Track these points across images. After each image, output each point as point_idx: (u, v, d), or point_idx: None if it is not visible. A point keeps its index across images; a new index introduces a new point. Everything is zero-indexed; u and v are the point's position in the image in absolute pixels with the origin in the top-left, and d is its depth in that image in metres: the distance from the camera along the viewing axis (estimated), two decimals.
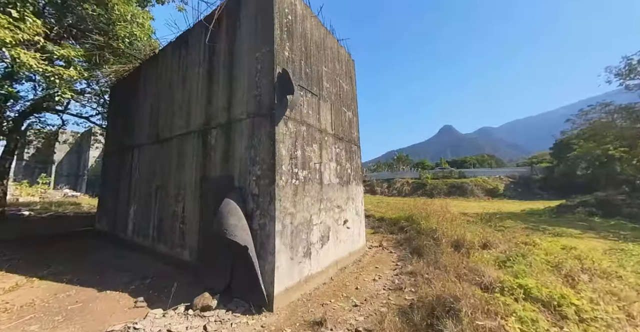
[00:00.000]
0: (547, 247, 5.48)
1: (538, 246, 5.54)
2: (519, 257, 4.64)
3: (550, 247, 5.47)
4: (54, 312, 3.71)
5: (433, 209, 10.14)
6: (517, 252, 4.93)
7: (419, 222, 8.83)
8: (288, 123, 4.56)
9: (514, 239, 6.32)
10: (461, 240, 6.21)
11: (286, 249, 4.16)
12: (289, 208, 4.33)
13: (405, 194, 32.19)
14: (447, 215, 9.05)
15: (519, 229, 8.95)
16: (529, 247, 5.52)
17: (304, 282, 4.53)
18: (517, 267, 4.04)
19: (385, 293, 4.46)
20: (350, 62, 7.79)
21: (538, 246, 5.49)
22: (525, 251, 4.99)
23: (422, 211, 9.76)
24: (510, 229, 8.43)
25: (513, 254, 4.80)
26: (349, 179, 6.64)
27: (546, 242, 5.97)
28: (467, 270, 4.17)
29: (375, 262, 6.42)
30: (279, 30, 4.62)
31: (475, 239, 6.31)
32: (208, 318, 3.40)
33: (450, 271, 4.46)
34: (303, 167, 4.82)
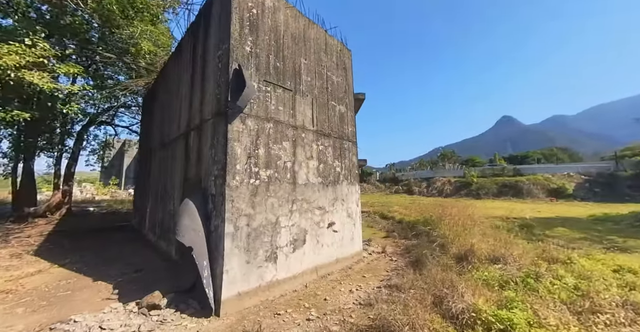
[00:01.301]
0: (587, 267, 4.11)
1: (571, 264, 4.20)
2: (529, 278, 3.55)
3: (592, 268, 4.09)
4: (44, 298, 4.23)
5: (455, 212, 8.80)
6: (531, 271, 3.80)
7: (434, 227, 7.75)
8: (247, 120, 4.37)
9: (543, 253, 4.97)
10: (470, 251, 5.17)
11: (240, 252, 3.98)
12: (245, 209, 4.14)
13: (447, 194, 29.19)
14: (467, 221, 7.73)
15: (569, 239, 7.14)
16: (556, 265, 4.24)
17: (267, 288, 4.28)
18: (510, 294, 3.05)
19: (351, 308, 3.92)
20: (345, 52, 7.25)
21: (571, 265, 4.16)
22: (544, 271, 3.81)
23: (441, 215, 8.55)
24: (553, 240, 6.76)
25: (523, 274, 3.70)
26: (336, 179, 6.15)
27: (589, 260, 4.51)
28: (448, 290, 3.36)
29: (366, 270, 5.80)
30: (237, 25, 4.47)
31: (488, 250, 5.18)
32: (151, 317, 3.43)
33: (433, 289, 3.68)
34: (267, 166, 4.58)
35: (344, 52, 7.22)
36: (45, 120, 9.90)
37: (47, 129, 10.70)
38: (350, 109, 7.08)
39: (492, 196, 25.77)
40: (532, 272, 3.72)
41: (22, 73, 4.54)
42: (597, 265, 4.27)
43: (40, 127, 10.19)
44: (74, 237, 8.55)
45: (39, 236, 8.57)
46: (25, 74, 4.53)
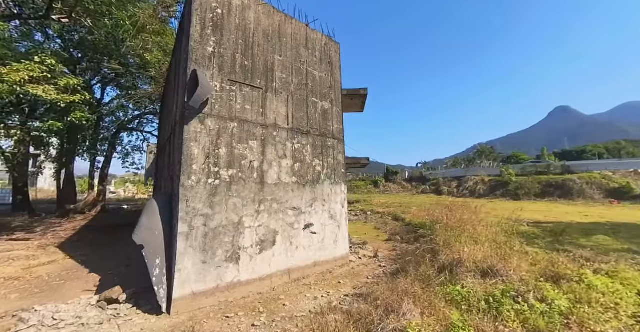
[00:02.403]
0: (600, 287, 3.24)
1: (580, 283, 3.34)
2: (505, 298, 2.89)
3: (606, 289, 3.22)
4: (39, 286, 4.74)
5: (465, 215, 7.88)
6: (510, 289, 3.10)
7: (433, 231, 7.03)
8: (207, 121, 4.38)
9: (551, 266, 4.10)
10: (458, 260, 4.52)
11: (195, 251, 3.99)
12: (202, 209, 4.14)
13: (479, 194, 26.62)
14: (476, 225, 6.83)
15: (606, 251, 5.88)
16: (557, 282, 3.43)
17: (227, 288, 4.23)
18: (455, 316, 2.46)
19: (304, 316, 3.67)
20: (331, 45, 6.93)
21: (578, 284, 3.31)
22: (531, 289, 3.09)
23: (446, 217, 7.73)
24: (583, 251, 5.62)
25: (500, 293, 3.03)
26: (317, 178, 5.89)
27: (607, 279, 3.56)
28: (397, 306, 2.92)
29: (346, 276, 5.46)
30: (198, 27, 4.51)
31: (483, 260, 4.48)
32: (106, 311, 3.60)
33: (386, 304, 3.27)
34: (230, 166, 4.54)
35: (330, 45, 6.91)
36: (79, 129, 11.28)
37: (82, 137, 12.21)
38: (336, 105, 6.75)
39: (534, 197, 22.80)
40: (512, 290, 3.05)
41: (27, 87, 5.19)
42: (617, 285, 3.36)
43: (76, 135, 11.64)
44: (99, 232, 9.58)
45: (71, 230, 9.77)
46: (29, 88, 5.18)
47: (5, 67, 5.01)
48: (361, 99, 11.00)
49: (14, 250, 6.66)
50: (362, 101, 11.26)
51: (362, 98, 10.84)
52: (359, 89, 10.45)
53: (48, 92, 5.55)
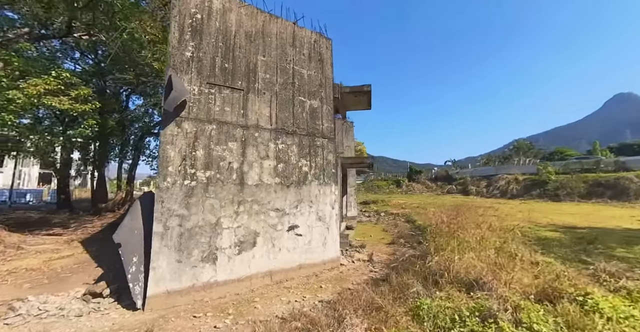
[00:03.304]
0: (607, 310, 2.64)
1: (582, 304, 2.75)
2: (473, 317, 2.47)
3: (614, 313, 2.61)
4: (50, 277, 5.26)
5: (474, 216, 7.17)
6: (483, 308, 2.64)
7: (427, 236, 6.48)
8: (183, 124, 4.50)
9: (555, 280, 3.49)
10: (445, 270, 4.10)
11: (170, 251, 4.11)
12: (178, 210, 4.26)
13: (512, 195, 24.25)
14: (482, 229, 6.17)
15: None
16: (554, 304, 2.87)
17: (203, 288, 4.31)
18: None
19: (269, 321, 3.58)
20: (322, 42, 6.74)
21: (581, 306, 2.73)
22: (516, 308, 2.61)
23: (443, 220, 7.10)
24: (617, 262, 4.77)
25: (468, 312, 2.60)
26: (303, 179, 5.76)
27: (620, 300, 2.90)
28: (349, 320, 2.69)
29: (331, 280, 5.26)
30: (177, 33, 4.65)
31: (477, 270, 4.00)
32: (88, 304, 3.86)
33: (345, 315, 3.04)
34: (207, 167, 4.61)
35: (321, 42, 6.73)
36: (109, 135, 12.47)
37: (113, 142, 13.48)
38: (327, 103, 6.55)
39: (578, 198, 20.13)
40: (485, 309, 2.61)
41: (43, 99, 5.83)
42: (634, 311, 2.72)
43: (107, 140, 12.88)
44: None
45: (99, 226, 10.80)
46: (45, 99, 5.81)
47: (26, 82, 5.70)
48: (366, 96, 10.62)
49: (45, 244, 7.54)
50: (368, 98, 10.86)
51: (366, 95, 10.46)
52: (363, 86, 10.10)
53: (62, 103, 6.18)
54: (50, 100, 5.93)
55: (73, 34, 7.96)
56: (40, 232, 8.99)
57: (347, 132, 15.35)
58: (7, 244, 6.88)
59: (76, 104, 6.45)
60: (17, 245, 6.96)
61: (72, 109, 6.40)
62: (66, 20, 7.29)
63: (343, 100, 10.96)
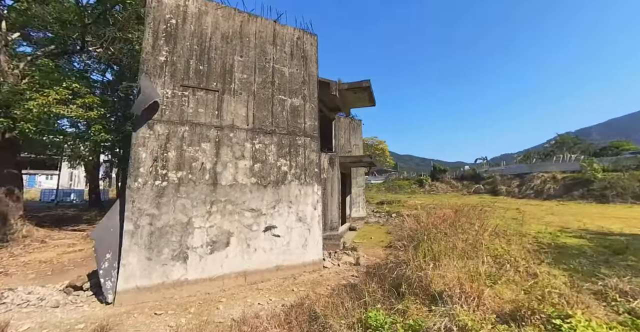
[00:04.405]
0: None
1: (555, 328, 2.23)
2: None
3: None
4: (56, 269, 5.80)
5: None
6: (420, 326, 2.25)
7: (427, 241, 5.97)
8: (156, 126, 4.65)
9: (540, 298, 2.95)
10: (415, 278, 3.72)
11: (140, 249, 4.27)
12: (149, 209, 4.41)
13: (549, 195, 21.78)
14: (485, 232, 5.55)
15: None
16: (522, 326, 2.38)
17: (173, 286, 4.41)
18: None
19: (223, 323, 3.54)
20: (306, 38, 6.58)
21: (549, 330, 2.21)
22: (463, 328, 2.19)
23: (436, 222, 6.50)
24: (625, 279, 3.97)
25: (400, 328, 2.23)
26: (281, 179, 5.66)
27: (604, 329, 2.31)
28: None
29: (307, 283, 5.09)
30: (151, 39, 4.83)
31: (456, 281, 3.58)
32: (68, 296, 4.16)
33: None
34: (179, 168, 4.72)
35: (305, 38, 6.57)
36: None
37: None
38: (310, 101, 6.38)
39: (632, 199, 17.41)
40: (422, 329, 2.23)
41: (54, 107, 6.47)
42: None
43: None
44: None
45: None
46: (53, 108, 6.46)
47: (38, 93, 6.40)
48: (366, 92, 10.21)
49: (65, 238, 8.39)
50: (369, 94, 10.43)
51: (366, 91, 10.04)
52: (361, 82, 9.71)
53: (72, 111, 6.82)
54: (59, 109, 6.55)
55: (88, 48, 8.75)
56: (67, 228, 10.03)
57: (354, 130, 14.95)
58: (34, 239, 7.77)
59: (82, 111, 7.04)
60: (42, 239, 7.82)
61: (79, 116, 7.02)
62: (80, 36, 8.03)
63: (343, 97, 10.67)
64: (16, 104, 6.56)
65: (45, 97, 6.38)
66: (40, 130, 7.84)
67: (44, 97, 6.37)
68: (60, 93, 6.62)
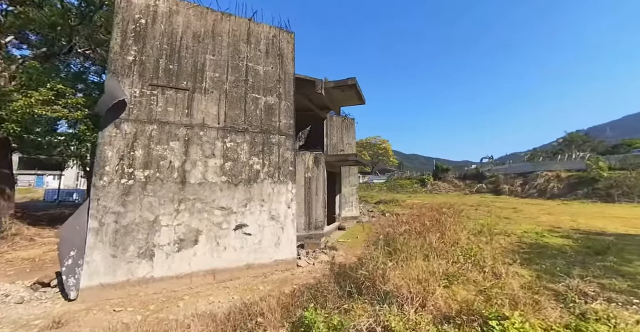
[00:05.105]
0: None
1: (489, 328, 2.11)
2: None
3: None
4: (35, 267, 5.92)
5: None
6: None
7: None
8: (123, 125, 4.69)
9: (481, 299, 2.84)
10: (376, 278, 3.65)
11: (105, 246, 4.32)
12: (114, 207, 4.45)
13: (552, 194, 21.21)
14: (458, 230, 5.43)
15: None
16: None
17: (138, 283, 4.45)
18: None
19: (175, 320, 3.54)
20: (282, 36, 6.55)
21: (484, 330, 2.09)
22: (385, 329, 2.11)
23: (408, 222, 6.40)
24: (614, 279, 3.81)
25: (323, 327, 2.17)
26: (253, 177, 5.64)
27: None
28: None
29: (276, 282, 5.07)
30: (119, 39, 4.87)
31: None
32: (34, 292, 4.23)
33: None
34: (146, 166, 4.76)
35: (281, 36, 6.54)
36: None
37: None
38: (286, 99, 6.34)
39: (638, 198, 16.78)
40: (344, 330, 2.15)
41: (35, 108, 6.62)
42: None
43: None
44: None
45: None
46: (36, 108, 6.61)
47: (20, 94, 6.57)
48: (353, 90, 10.13)
49: (54, 237, 8.57)
50: (356, 92, 10.35)
51: (352, 89, 9.97)
52: (347, 80, 9.64)
53: (57, 111, 6.97)
54: (42, 110, 6.69)
55: (77, 50, 8.93)
56: (59, 227, 10.25)
57: (347, 129, 14.84)
58: (23, 237, 7.97)
59: (66, 112, 7.18)
60: (31, 237, 8.01)
61: (64, 116, 7.16)
62: (67, 38, 8.21)
63: (331, 95, 10.62)
64: (2, 105, 6.74)
65: (27, 98, 6.52)
66: (30, 131, 8.04)
67: (27, 98, 6.51)
68: (43, 94, 6.75)
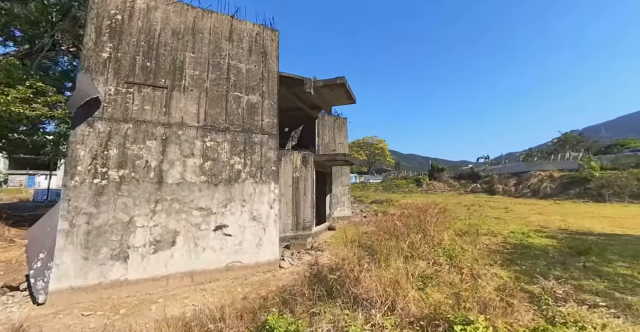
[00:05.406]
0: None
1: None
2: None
3: None
4: (10, 268, 5.72)
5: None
6: None
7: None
8: (96, 123, 4.57)
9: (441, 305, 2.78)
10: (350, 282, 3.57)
11: (75, 248, 4.20)
12: (86, 208, 4.33)
13: (545, 194, 21.33)
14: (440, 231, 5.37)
15: (635, 284, 3.81)
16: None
17: (111, 286, 4.33)
18: None
19: (144, 324, 3.44)
20: (266, 34, 6.45)
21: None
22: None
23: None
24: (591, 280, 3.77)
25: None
26: (234, 177, 5.54)
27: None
28: None
29: (254, 284, 4.97)
30: (93, 35, 4.75)
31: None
32: (2, 296, 4.10)
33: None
34: (120, 166, 4.64)
35: (264, 34, 6.44)
36: None
37: None
38: (269, 98, 6.24)
39: (629, 198, 16.92)
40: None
41: (12, 106, 6.47)
42: None
43: None
44: None
45: None
46: (12, 106, 6.46)
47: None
48: (342, 89, 10.05)
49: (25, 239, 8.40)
50: (346, 92, 10.27)
51: (342, 88, 9.89)
52: (336, 78, 9.56)
53: (36, 109, 6.82)
54: (19, 108, 6.54)
55: (61, 47, 8.76)
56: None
57: (339, 129, 14.78)
58: (3, 238, 7.76)
59: (46, 110, 7.02)
60: (11, 239, 7.82)
61: (44, 114, 7.00)
62: (49, 35, 8.04)
63: (320, 95, 10.53)
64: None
65: (4, 96, 6.36)
66: (12, 130, 7.86)
67: (3, 96, 6.35)
68: (21, 92, 6.59)
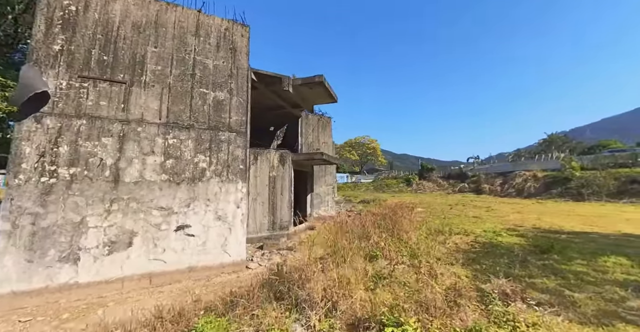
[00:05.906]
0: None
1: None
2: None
3: None
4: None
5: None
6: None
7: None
8: (44, 119, 4.35)
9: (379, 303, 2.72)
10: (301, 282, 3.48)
11: (18, 250, 3.98)
12: (32, 208, 4.12)
13: (529, 193, 21.74)
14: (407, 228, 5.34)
15: (598, 282, 3.84)
16: None
17: (60, 290, 4.13)
18: None
19: (85, 329, 3.28)
20: (235, 30, 6.30)
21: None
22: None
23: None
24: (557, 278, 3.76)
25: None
26: (198, 176, 5.39)
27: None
28: None
29: (215, 285, 4.84)
30: (43, 26, 4.52)
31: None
32: None
33: None
34: (72, 164, 4.43)
35: (234, 29, 6.28)
36: None
37: None
38: (238, 95, 6.10)
39: (606, 197, 17.38)
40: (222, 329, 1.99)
41: None
42: None
43: None
44: None
45: None
46: None
47: None
48: (322, 87, 9.96)
49: None
50: (325, 90, 10.19)
51: (321, 86, 9.80)
52: (314, 77, 9.46)
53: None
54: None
55: (26, 40, 8.39)
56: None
57: (324, 128, 14.69)
58: None
59: (4, 106, 6.71)
60: None
61: (1, 109, 6.69)
62: (12, 28, 7.70)
63: (300, 93, 10.42)
64: None
65: None
66: None
67: None
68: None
